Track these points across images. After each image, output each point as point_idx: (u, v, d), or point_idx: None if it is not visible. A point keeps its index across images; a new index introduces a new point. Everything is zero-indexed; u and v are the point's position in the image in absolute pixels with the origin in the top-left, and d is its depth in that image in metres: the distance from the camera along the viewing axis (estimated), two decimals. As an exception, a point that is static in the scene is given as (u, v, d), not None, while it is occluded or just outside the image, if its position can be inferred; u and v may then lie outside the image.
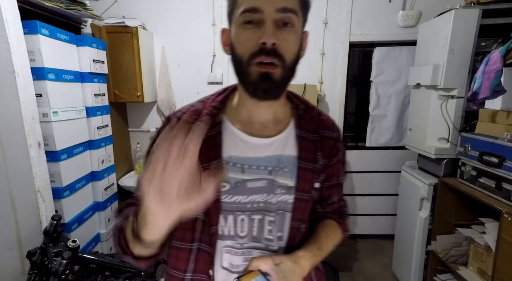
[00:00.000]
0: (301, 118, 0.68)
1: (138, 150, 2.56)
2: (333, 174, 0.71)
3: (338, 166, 0.71)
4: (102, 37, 2.07)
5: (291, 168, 0.64)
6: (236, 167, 0.62)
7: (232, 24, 0.57)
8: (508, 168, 1.35)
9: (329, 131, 0.69)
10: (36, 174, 1.39)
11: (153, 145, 0.65)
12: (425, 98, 1.89)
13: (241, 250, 0.64)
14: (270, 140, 0.64)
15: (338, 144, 0.70)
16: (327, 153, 0.68)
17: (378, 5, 2.30)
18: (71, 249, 1.17)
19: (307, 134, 0.67)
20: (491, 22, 1.64)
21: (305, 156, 0.65)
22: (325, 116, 0.72)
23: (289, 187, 0.64)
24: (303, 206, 0.66)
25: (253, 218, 0.63)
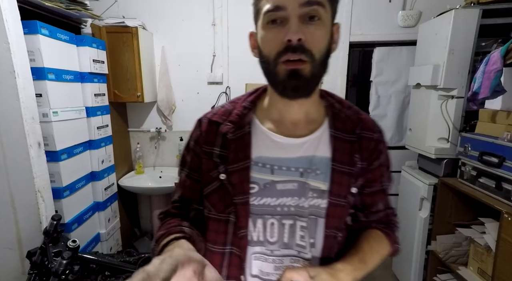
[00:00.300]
0: (336, 117, 0.63)
1: (138, 150, 2.56)
2: (375, 179, 0.65)
3: (380, 170, 0.65)
4: (102, 37, 2.07)
5: (324, 171, 0.60)
6: (266, 168, 0.60)
7: (258, 26, 0.56)
8: (508, 168, 1.35)
9: (369, 131, 0.63)
10: (36, 174, 1.39)
11: (188, 147, 0.68)
12: (425, 98, 1.89)
13: (271, 257, 0.62)
14: (301, 140, 0.61)
15: (380, 146, 0.64)
16: (367, 155, 0.62)
17: (378, 5, 2.30)
18: (71, 249, 1.17)
19: (342, 134, 0.62)
20: (491, 22, 1.64)
21: (340, 157, 0.60)
22: (364, 115, 0.66)
23: (322, 190, 0.60)
24: (338, 212, 0.61)
25: (284, 223, 0.61)
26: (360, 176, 0.62)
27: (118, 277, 1.27)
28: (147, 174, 2.55)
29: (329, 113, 0.63)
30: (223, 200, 0.61)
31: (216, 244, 0.63)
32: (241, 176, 0.59)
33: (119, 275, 1.28)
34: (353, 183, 0.61)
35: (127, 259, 1.35)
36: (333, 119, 0.63)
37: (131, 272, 1.29)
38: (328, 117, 0.63)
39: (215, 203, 0.63)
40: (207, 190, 0.63)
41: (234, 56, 2.43)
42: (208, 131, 0.64)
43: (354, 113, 0.64)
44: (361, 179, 0.63)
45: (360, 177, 0.62)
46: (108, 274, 1.30)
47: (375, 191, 0.66)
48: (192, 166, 0.66)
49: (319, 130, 0.62)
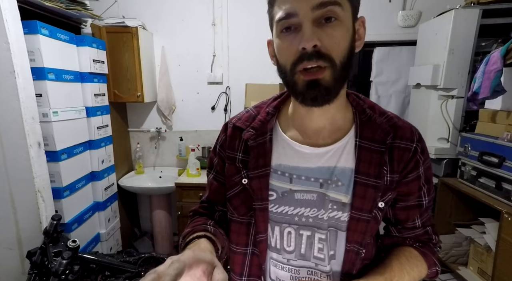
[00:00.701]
0: (364, 125, 0.58)
1: (138, 150, 2.56)
2: (410, 193, 0.60)
3: (417, 183, 0.59)
4: (102, 37, 2.07)
5: (347, 183, 0.57)
6: (285, 176, 0.59)
7: (273, 34, 0.54)
8: (508, 168, 1.35)
9: (404, 141, 0.57)
10: (36, 174, 1.39)
11: (215, 150, 0.69)
12: (425, 98, 1.89)
13: (287, 266, 0.62)
14: (323, 149, 0.58)
15: (417, 157, 0.58)
16: (401, 167, 0.57)
17: (378, 5, 2.29)
18: (71, 249, 1.17)
19: (370, 143, 0.57)
20: (491, 22, 1.65)
21: (365, 169, 0.56)
22: (401, 122, 0.60)
23: (343, 203, 0.57)
24: (361, 228, 0.57)
25: (302, 234, 0.60)
26: (390, 190, 0.57)
27: (118, 277, 1.27)
28: (147, 174, 2.55)
29: (357, 120, 0.59)
30: (245, 203, 0.62)
31: (238, 245, 0.64)
32: (261, 182, 0.60)
33: (119, 275, 1.28)
34: (381, 197, 0.57)
35: (127, 259, 1.35)
36: (361, 126, 0.58)
37: (131, 272, 1.29)
38: (356, 125, 0.58)
39: (237, 207, 0.64)
40: (230, 194, 0.64)
41: (234, 56, 2.43)
42: (232, 136, 0.65)
43: (387, 120, 0.59)
44: (392, 192, 0.58)
45: (390, 191, 0.57)
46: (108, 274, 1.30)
47: (411, 206, 0.61)
48: (218, 169, 0.68)
49: (344, 139, 0.58)
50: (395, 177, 0.57)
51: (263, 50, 2.82)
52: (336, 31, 0.48)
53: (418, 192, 0.60)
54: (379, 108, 0.61)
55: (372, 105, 0.61)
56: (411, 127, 0.60)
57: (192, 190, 2.19)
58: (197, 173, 2.29)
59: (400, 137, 0.58)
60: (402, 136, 0.58)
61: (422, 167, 0.59)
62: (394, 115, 0.61)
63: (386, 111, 0.61)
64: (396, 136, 0.57)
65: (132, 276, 1.28)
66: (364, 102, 0.61)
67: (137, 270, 1.30)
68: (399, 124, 0.59)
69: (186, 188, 2.20)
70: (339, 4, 0.47)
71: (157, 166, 2.66)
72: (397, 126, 0.58)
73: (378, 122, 0.58)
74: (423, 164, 0.59)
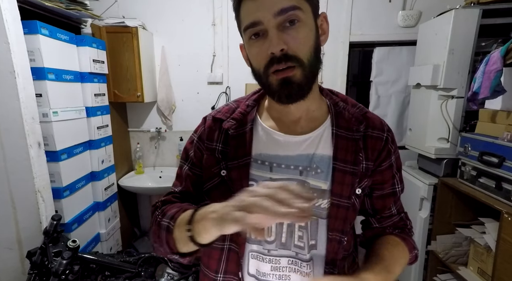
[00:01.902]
0: (339, 115, 0.61)
1: (138, 150, 2.56)
2: (385, 181, 0.63)
3: (390, 171, 0.63)
4: (102, 37, 2.07)
5: (325, 169, 0.59)
6: (265, 165, 0.60)
7: (244, 40, 0.58)
8: (508, 168, 1.35)
9: (376, 130, 0.61)
10: (36, 174, 1.39)
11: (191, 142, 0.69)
12: (425, 98, 1.89)
13: (268, 257, 0.61)
14: (301, 137, 0.60)
15: (389, 146, 0.62)
16: (375, 155, 0.60)
17: (378, 5, 2.29)
18: (71, 249, 1.17)
19: (346, 132, 0.60)
20: (491, 22, 1.64)
21: (342, 156, 0.58)
22: (371, 114, 0.64)
23: (323, 190, 0.59)
24: (342, 214, 0.58)
25: (282, 222, 0.60)
26: (366, 177, 0.60)
27: (118, 277, 1.27)
28: (147, 174, 2.55)
29: (332, 111, 0.62)
30: (224, 196, 0.59)
31: (217, 240, 0.62)
32: (241, 173, 0.60)
33: (119, 275, 1.28)
34: (358, 183, 0.59)
35: (127, 259, 1.35)
36: (336, 117, 0.61)
37: (131, 272, 1.29)
38: (331, 115, 0.62)
39: (215, 199, 0.61)
40: (208, 186, 0.64)
41: (234, 56, 2.43)
42: (211, 127, 0.66)
43: (359, 111, 0.63)
44: (367, 180, 0.60)
45: (366, 177, 0.60)
46: (108, 274, 1.30)
47: (386, 194, 0.64)
48: (194, 161, 0.67)
49: (321, 128, 0.61)
50: (370, 164, 0.60)
51: (263, 50, 2.81)
52: (300, 33, 0.51)
53: (392, 180, 0.64)
54: (351, 101, 0.65)
55: (345, 98, 0.66)
56: (380, 119, 0.65)
57: (192, 190, 2.19)
58: (197, 173, 2.28)
59: (372, 127, 0.61)
60: (374, 126, 0.62)
61: (393, 156, 0.63)
62: (364, 107, 0.65)
63: (357, 104, 0.65)
64: (368, 125, 0.61)
65: (132, 276, 1.28)
66: (337, 96, 0.66)
67: (137, 270, 1.30)
68: (370, 115, 0.64)
69: (186, 188, 2.19)
70: (299, 8, 0.50)
71: (157, 166, 2.66)
72: (368, 117, 0.63)
73: (351, 112, 0.62)
74: (394, 153, 0.63)
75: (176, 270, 1.33)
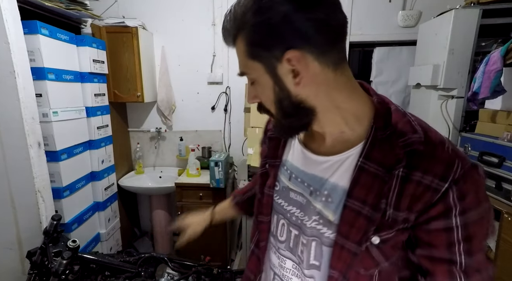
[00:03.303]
0: (377, 144, 0.48)
1: (138, 150, 2.56)
2: (433, 245, 0.47)
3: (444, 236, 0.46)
4: (102, 37, 2.07)
5: (336, 202, 0.52)
6: (287, 173, 0.62)
7: None
8: (508, 168, 1.35)
9: (429, 176, 0.44)
10: (36, 174, 1.39)
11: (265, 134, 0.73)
12: (425, 98, 1.89)
13: (278, 253, 0.64)
14: (321, 158, 0.55)
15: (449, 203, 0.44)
16: (418, 207, 0.45)
17: (378, 5, 2.29)
18: (71, 249, 1.17)
19: (375, 167, 0.48)
20: (491, 22, 1.64)
21: (361, 194, 0.48)
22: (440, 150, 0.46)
23: (329, 221, 0.52)
24: (345, 258, 0.51)
25: (291, 230, 0.61)
26: (392, 228, 0.47)
27: (118, 277, 1.27)
28: (147, 174, 2.55)
29: (370, 137, 0.49)
30: (262, 184, 0.67)
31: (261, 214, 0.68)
32: (273, 171, 0.65)
33: (119, 275, 1.28)
34: (374, 232, 0.48)
35: (127, 259, 1.35)
36: (372, 145, 0.49)
37: (131, 272, 1.29)
38: (365, 142, 0.49)
39: (259, 184, 0.69)
40: (258, 171, 0.71)
41: (234, 56, 2.39)
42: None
43: (405, 144, 0.46)
44: (394, 232, 0.47)
45: (390, 229, 0.47)
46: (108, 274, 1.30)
47: (436, 258, 0.48)
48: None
49: (345, 154, 0.51)
50: (401, 215, 0.46)
51: (263, 50, 2.80)
52: (259, 92, 0.52)
53: (447, 248, 0.46)
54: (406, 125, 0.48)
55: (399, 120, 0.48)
56: (452, 159, 0.45)
57: (192, 190, 2.19)
58: (197, 173, 2.29)
59: (423, 170, 0.45)
60: (428, 169, 0.45)
61: (458, 219, 0.44)
62: (427, 137, 0.46)
63: (412, 131, 0.47)
64: (415, 166, 0.45)
65: (132, 276, 1.27)
66: (392, 116, 0.49)
67: (137, 270, 1.29)
68: (428, 151, 0.45)
69: (186, 188, 2.20)
70: (247, 73, 0.51)
71: (157, 166, 2.66)
72: (423, 154, 0.45)
73: (394, 144, 0.47)
74: (462, 215, 0.44)
75: (176, 270, 1.33)
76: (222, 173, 2.06)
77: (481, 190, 0.45)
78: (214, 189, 2.13)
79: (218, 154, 2.21)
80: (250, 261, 0.73)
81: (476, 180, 0.45)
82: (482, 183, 0.46)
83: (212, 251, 2.25)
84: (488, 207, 0.46)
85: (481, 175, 0.46)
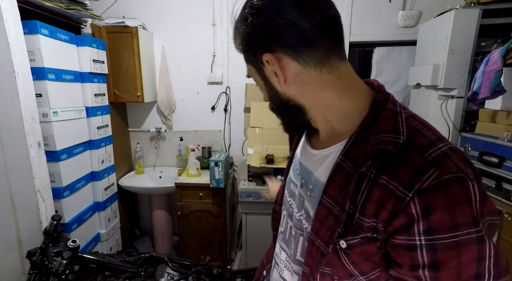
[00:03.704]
0: (356, 142, 0.47)
1: (138, 150, 2.56)
2: (399, 264, 0.42)
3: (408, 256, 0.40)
4: (102, 37, 2.07)
5: (315, 197, 0.52)
6: (293, 165, 0.65)
7: None
8: (508, 168, 1.35)
9: (395, 181, 0.40)
10: (36, 174, 1.39)
11: None
12: (425, 98, 1.89)
13: (279, 243, 0.67)
14: (313, 151, 0.56)
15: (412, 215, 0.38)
16: (384, 216, 0.41)
17: (378, 5, 2.29)
18: (71, 249, 1.16)
19: (351, 165, 0.46)
20: (491, 22, 1.64)
21: (335, 192, 0.48)
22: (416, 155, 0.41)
23: (309, 215, 0.53)
24: (315, 254, 0.50)
25: (288, 222, 0.63)
26: (357, 234, 0.44)
27: (118, 277, 1.27)
28: (147, 174, 2.55)
29: (354, 135, 0.48)
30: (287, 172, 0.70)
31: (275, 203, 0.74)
32: (288, 163, 0.69)
33: (119, 275, 1.28)
34: (342, 235, 0.45)
35: (127, 259, 1.35)
36: (354, 143, 0.47)
37: (131, 272, 1.29)
38: (348, 139, 0.48)
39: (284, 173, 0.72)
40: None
41: (234, 56, 2.43)
42: None
43: (378, 142, 0.43)
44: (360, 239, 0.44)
45: (355, 234, 0.44)
46: (108, 274, 1.30)
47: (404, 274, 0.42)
48: None
49: (330, 149, 0.51)
50: (367, 221, 0.43)
51: (263, 50, 2.77)
52: (260, 90, 0.57)
53: (411, 271, 0.40)
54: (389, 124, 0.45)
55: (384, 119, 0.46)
56: (427, 167, 0.39)
57: (192, 190, 2.19)
58: (197, 173, 2.29)
59: (390, 174, 0.41)
60: (394, 174, 0.41)
61: (422, 237, 0.38)
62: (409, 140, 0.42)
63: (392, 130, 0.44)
64: (384, 169, 0.42)
65: (132, 276, 1.27)
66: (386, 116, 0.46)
67: (137, 270, 1.29)
68: (403, 155, 0.41)
69: (186, 188, 2.20)
70: (251, 74, 0.55)
71: (157, 166, 2.66)
72: (396, 156, 0.42)
73: (370, 142, 0.44)
74: (427, 234, 0.38)
75: (176, 270, 1.33)
76: (222, 173, 2.06)
77: (461, 211, 0.37)
78: (214, 189, 2.13)
79: (218, 154, 2.21)
80: (269, 249, 0.78)
81: (454, 197, 0.37)
82: (465, 203, 0.37)
83: (212, 251, 2.25)
84: (477, 238, 0.37)
85: (470, 193, 0.37)
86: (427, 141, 0.42)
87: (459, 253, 0.37)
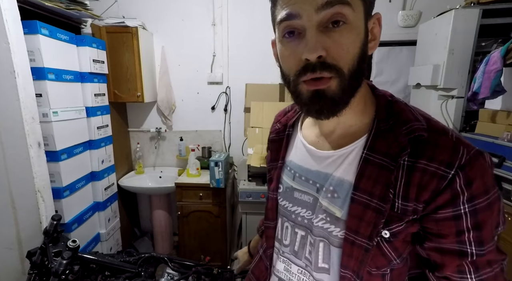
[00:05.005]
0: (380, 135, 0.48)
1: (138, 150, 2.56)
2: (442, 235, 0.45)
3: (453, 225, 0.44)
4: (102, 37, 2.07)
5: (343, 196, 0.50)
6: (291, 173, 0.60)
7: (276, 37, 0.49)
8: (508, 168, 1.35)
9: (435, 163, 0.43)
10: (36, 174, 1.39)
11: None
12: (425, 98, 1.90)
13: (282, 257, 0.63)
14: (325, 153, 0.53)
15: (456, 190, 0.42)
16: (425, 196, 0.44)
17: (378, 5, 2.27)
18: (71, 249, 1.17)
19: (382, 158, 0.47)
20: (491, 22, 1.65)
21: (367, 187, 0.47)
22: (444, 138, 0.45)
23: (336, 217, 0.51)
24: (357, 254, 0.49)
25: (297, 232, 0.59)
26: (402, 220, 0.46)
27: (118, 277, 1.27)
28: (147, 174, 2.55)
29: (373, 129, 0.49)
30: (270, 189, 0.68)
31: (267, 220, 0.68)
32: (276, 173, 0.64)
33: (119, 275, 1.28)
34: (385, 224, 0.46)
35: (127, 259, 1.35)
36: (375, 137, 0.48)
37: (131, 272, 1.29)
38: (369, 134, 0.49)
39: (268, 188, 0.69)
40: (267, 176, 0.71)
41: (234, 56, 2.43)
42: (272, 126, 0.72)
43: (408, 131, 0.46)
44: (405, 225, 0.46)
45: (401, 221, 0.46)
46: (108, 274, 1.30)
47: (446, 249, 0.46)
48: None
49: (349, 147, 0.50)
50: (410, 205, 0.45)
51: (263, 50, 2.79)
52: (344, 38, 0.42)
53: (456, 237, 0.44)
54: (408, 114, 0.48)
55: (401, 110, 0.48)
56: (457, 146, 0.43)
57: (192, 190, 2.19)
58: (197, 173, 2.29)
59: (428, 157, 0.44)
60: (432, 157, 0.44)
61: (466, 206, 0.43)
62: (429, 125, 0.46)
63: (415, 119, 0.47)
64: (420, 154, 0.44)
65: (132, 276, 1.27)
66: (393, 107, 0.49)
67: (137, 270, 1.29)
68: (432, 139, 0.45)
69: (186, 188, 2.20)
70: (348, 4, 0.41)
71: (157, 166, 2.66)
72: (428, 142, 0.45)
73: (397, 133, 0.46)
74: (470, 201, 0.43)
75: (176, 270, 1.33)
76: (222, 173, 2.06)
77: (488, 176, 0.43)
78: (214, 189, 2.14)
79: (218, 154, 2.21)
80: (256, 266, 0.73)
81: (482, 166, 0.43)
82: (488, 169, 0.44)
83: (212, 251, 2.25)
84: (497, 195, 0.44)
85: (487, 161, 0.44)
86: (439, 124, 0.48)
87: (492, 210, 0.43)
